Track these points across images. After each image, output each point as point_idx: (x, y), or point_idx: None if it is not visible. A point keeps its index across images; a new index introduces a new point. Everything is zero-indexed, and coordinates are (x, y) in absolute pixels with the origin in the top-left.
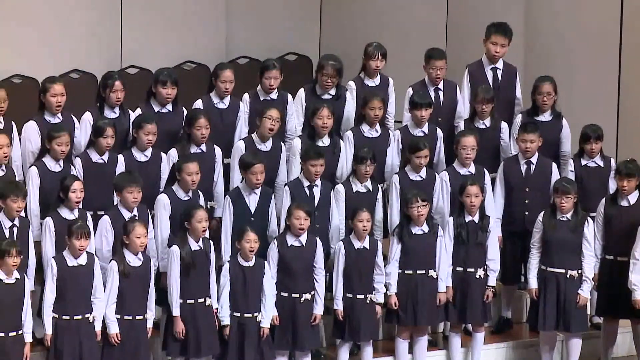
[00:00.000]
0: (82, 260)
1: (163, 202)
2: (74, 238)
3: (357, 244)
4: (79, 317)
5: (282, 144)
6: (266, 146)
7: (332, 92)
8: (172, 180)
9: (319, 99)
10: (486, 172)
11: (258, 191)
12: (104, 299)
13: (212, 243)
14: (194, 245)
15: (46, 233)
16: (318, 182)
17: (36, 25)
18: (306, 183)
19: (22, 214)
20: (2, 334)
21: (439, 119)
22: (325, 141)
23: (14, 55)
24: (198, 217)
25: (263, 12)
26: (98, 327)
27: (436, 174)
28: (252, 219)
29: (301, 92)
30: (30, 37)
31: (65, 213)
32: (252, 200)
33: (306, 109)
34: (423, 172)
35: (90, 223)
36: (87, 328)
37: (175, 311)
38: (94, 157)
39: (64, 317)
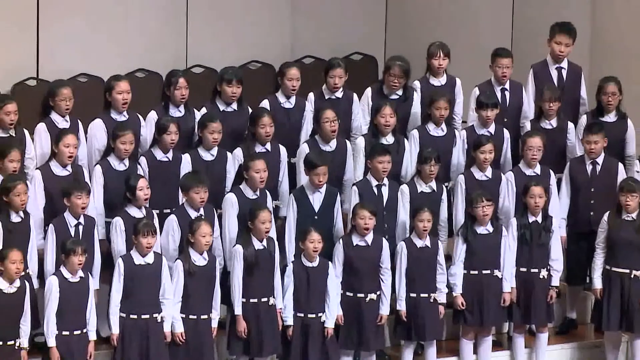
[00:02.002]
0: (150, 259)
1: (231, 201)
2: (141, 236)
3: (419, 243)
4: (147, 316)
5: (347, 142)
6: (330, 146)
7: (400, 92)
8: (240, 179)
9: (384, 99)
10: (552, 172)
11: (322, 190)
12: (172, 299)
13: (277, 243)
14: (258, 245)
15: (117, 232)
16: (386, 181)
17: (102, 24)
18: (374, 182)
19: (87, 212)
20: (67, 333)
21: (505, 120)
22: (389, 140)
23: (80, 55)
24: (262, 218)
25: (328, 11)
26: (167, 328)
27: (502, 174)
28: (316, 218)
29: (368, 92)
30: (96, 36)
31: (133, 212)
32: (317, 200)
33: (370, 108)
34: (489, 172)
35: (156, 221)
36: (154, 327)
37: (238, 310)
38: (159, 155)
39: (131, 316)
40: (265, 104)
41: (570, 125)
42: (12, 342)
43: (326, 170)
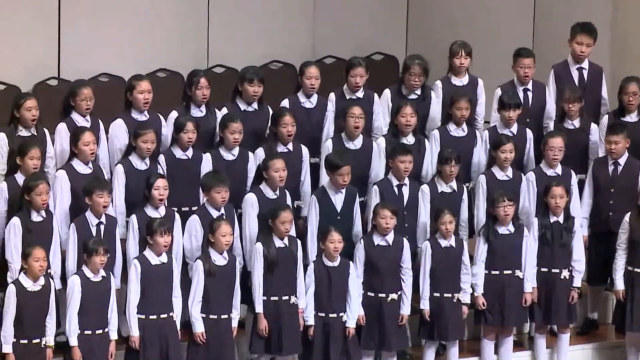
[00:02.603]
0: (164, 258)
1: (251, 201)
2: (157, 235)
3: (444, 243)
4: (165, 315)
5: (373, 141)
6: (355, 144)
7: (418, 92)
8: (260, 179)
9: (403, 99)
10: (573, 173)
11: (344, 190)
12: (181, 298)
13: (299, 242)
14: (279, 243)
15: (130, 231)
16: (407, 181)
17: (123, 24)
18: (395, 182)
19: (109, 211)
20: (89, 332)
21: (528, 120)
22: (409, 140)
23: (101, 54)
24: (282, 218)
25: (350, 11)
26: (178, 325)
27: (522, 174)
28: (338, 218)
29: (387, 93)
30: (117, 36)
31: (150, 211)
32: (338, 200)
33: (391, 108)
34: (510, 172)
35: (178, 221)
36: (172, 327)
37: (259, 308)
38: (178, 153)
39: (150, 317)
40: (285, 103)
41: (593, 125)
42: (38, 341)
43: (349, 170)
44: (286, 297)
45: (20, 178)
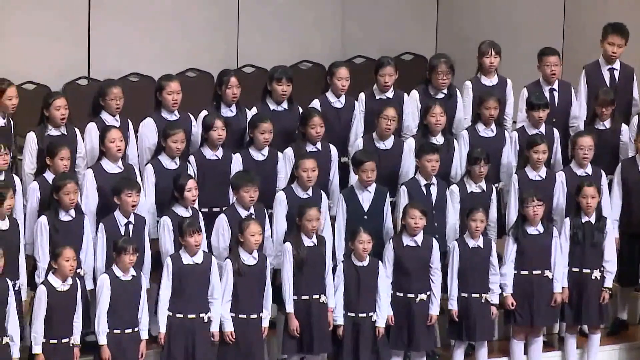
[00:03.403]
0: (198, 258)
1: (280, 200)
2: (188, 236)
3: (472, 243)
4: (193, 315)
5: (403, 142)
6: (385, 145)
7: (444, 91)
8: (292, 178)
9: (431, 99)
10: (603, 173)
11: (372, 189)
12: (220, 300)
13: (328, 241)
14: (308, 242)
15: (165, 231)
16: (434, 180)
17: (153, 24)
18: (423, 182)
19: (138, 211)
20: (119, 331)
21: (554, 120)
22: (439, 140)
23: (131, 54)
24: (309, 216)
25: (379, 11)
26: (215, 328)
27: (556, 174)
28: (366, 217)
29: (414, 94)
30: (147, 36)
31: (180, 211)
32: (366, 199)
33: (420, 109)
34: (542, 172)
35: (201, 220)
36: (201, 327)
37: (289, 308)
38: (208, 154)
39: (177, 315)
40: (315, 103)
41: (623, 126)
42: (67, 340)
43: (374, 167)
44: (316, 296)
45: (50, 177)
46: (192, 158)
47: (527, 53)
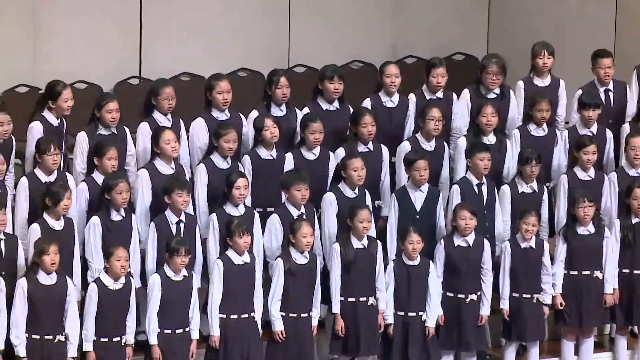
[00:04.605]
0: (246, 258)
1: (329, 200)
2: (236, 236)
3: (524, 244)
4: (246, 315)
5: (445, 143)
6: (430, 145)
7: (497, 91)
8: (338, 178)
9: (483, 99)
10: None
11: (424, 190)
12: (262, 298)
13: (379, 243)
14: (357, 244)
15: (210, 230)
16: (485, 180)
17: (204, 24)
18: (475, 181)
19: (189, 210)
20: (169, 331)
21: (610, 121)
22: (490, 139)
23: (182, 54)
24: (361, 217)
25: (431, 11)
26: (259, 326)
27: (605, 175)
28: (417, 217)
29: (465, 93)
30: (198, 35)
31: (231, 210)
32: (418, 199)
33: (471, 108)
34: (592, 172)
35: (257, 220)
36: (253, 327)
37: (336, 308)
38: (263, 153)
39: (231, 317)
40: (367, 103)
41: None
42: (118, 339)
43: (426, 165)
44: (364, 299)
45: (98, 177)
46: (246, 158)
47: (579, 53)
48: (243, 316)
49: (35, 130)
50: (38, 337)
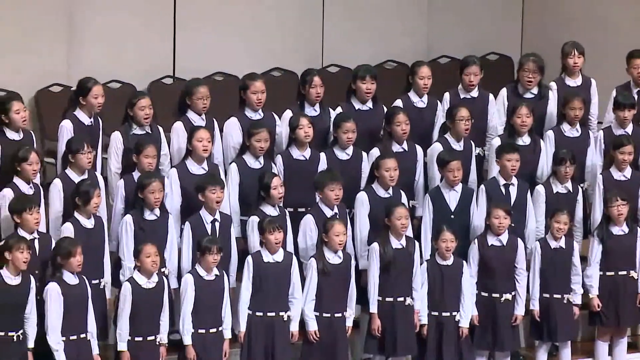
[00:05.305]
0: (279, 257)
1: (362, 200)
2: (268, 233)
3: (554, 244)
4: (273, 313)
5: (472, 143)
6: (460, 146)
7: (534, 91)
8: (372, 178)
9: (520, 99)
10: None
11: (458, 189)
12: (302, 299)
13: (417, 243)
14: (395, 244)
15: (252, 231)
16: (514, 181)
17: (238, 24)
18: (502, 182)
19: (224, 210)
20: (203, 331)
21: None
22: (525, 140)
23: (217, 54)
24: (397, 214)
25: (465, 11)
26: (294, 328)
27: None
28: (452, 217)
29: (503, 92)
30: (232, 35)
31: (268, 210)
32: (452, 199)
33: (507, 107)
34: (628, 172)
35: (288, 220)
36: (280, 326)
37: (373, 308)
38: (295, 153)
39: (257, 313)
40: (398, 103)
41: None
42: (152, 338)
43: (459, 165)
44: (401, 299)
45: (137, 176)
46: (278, 158)
47: (614, 53)
48: (270, 314)
49: (65, 129)
50: (75, 337)
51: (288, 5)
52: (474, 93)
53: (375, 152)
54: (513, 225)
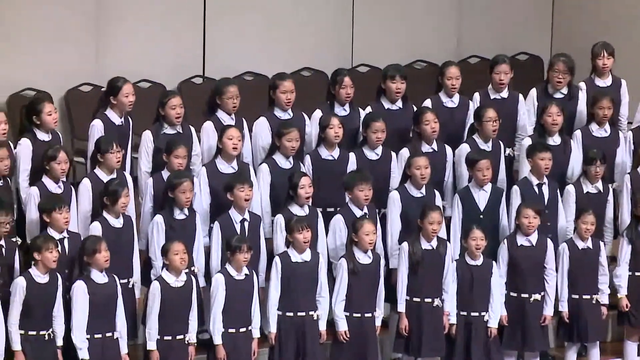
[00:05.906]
0: (307, 256)
1: (394, 199)
2: (296, 232)
3: (581, 244)
4: (303, 313)
5: (501, 143)
6: (488, 146)
7: (564, 91)
8: (404, 178)
9: (550, 99)
10: None
11: (488, 189)
12: (328, 298)
13: (449, 244)
14: (425, 245)
15: (277, 230)
16: (545, 180)
17: (268, 24)
18: (535, 181)
19: (253, 209)
20: (233, 330)
21: None
22: (556, 140)
23: (246, 53)
24: (431, 218)
25: (495, 11)
26: (322, 327)
27: None
28: (481, 217)
29: (533, 92)
30: (262, 35)
31: (295, 210)
32: (482, 198)
33: (537, 108)
34: None
35: (320, 220)
36: (311, 325)
37: (401, 307)
38: (324, 153)
39: (287, 314)
40: (428, 103)
41: None
42: (182, 337)
43: (489, 165)
44: (428, 300)
45: (166, 175)
46: (307, 158)
47: None
48: (300, 314)
49: (96, 128)
50: (100, 336)
51: (318, 6)
52: (504, 93)
53: (405, 152)
54: (549, 224)
